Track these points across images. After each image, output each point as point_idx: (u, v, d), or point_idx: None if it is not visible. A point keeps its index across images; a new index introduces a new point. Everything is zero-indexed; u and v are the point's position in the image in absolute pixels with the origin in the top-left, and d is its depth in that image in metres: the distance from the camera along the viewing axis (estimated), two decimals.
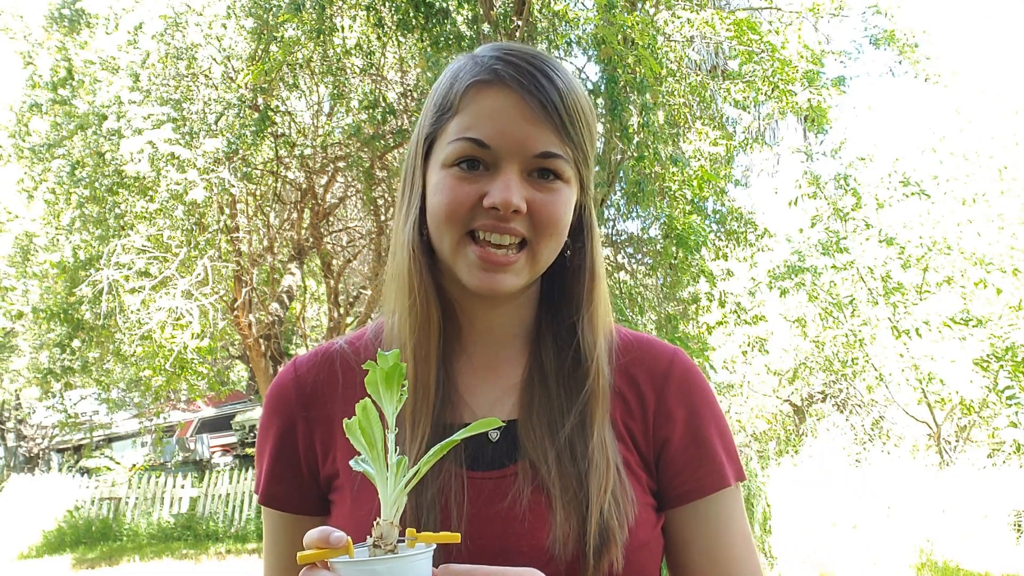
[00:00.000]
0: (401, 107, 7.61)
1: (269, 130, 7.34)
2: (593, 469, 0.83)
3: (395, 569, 0.62)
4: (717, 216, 8.06)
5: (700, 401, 0.94)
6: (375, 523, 0.64)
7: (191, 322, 7.33)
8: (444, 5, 6.04)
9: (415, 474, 0.66)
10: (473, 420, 0.84)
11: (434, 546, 0.65)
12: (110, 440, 17.72)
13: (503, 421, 0.85)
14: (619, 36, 5.41)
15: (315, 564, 0.64)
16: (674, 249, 6.10)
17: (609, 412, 0.90)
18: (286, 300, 11.19)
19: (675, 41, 6.99)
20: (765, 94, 7.03)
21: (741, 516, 0.94)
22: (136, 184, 7.00)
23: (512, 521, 0.80)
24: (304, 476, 0.92)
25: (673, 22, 6.69)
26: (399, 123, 7.49)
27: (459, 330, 0.94)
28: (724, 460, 0.92)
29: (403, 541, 0.66)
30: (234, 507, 10.07)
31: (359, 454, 0.67)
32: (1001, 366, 7.03)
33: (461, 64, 0.88)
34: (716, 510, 0.92)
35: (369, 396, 0.68)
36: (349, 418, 0.67)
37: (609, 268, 7.31)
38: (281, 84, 7.39)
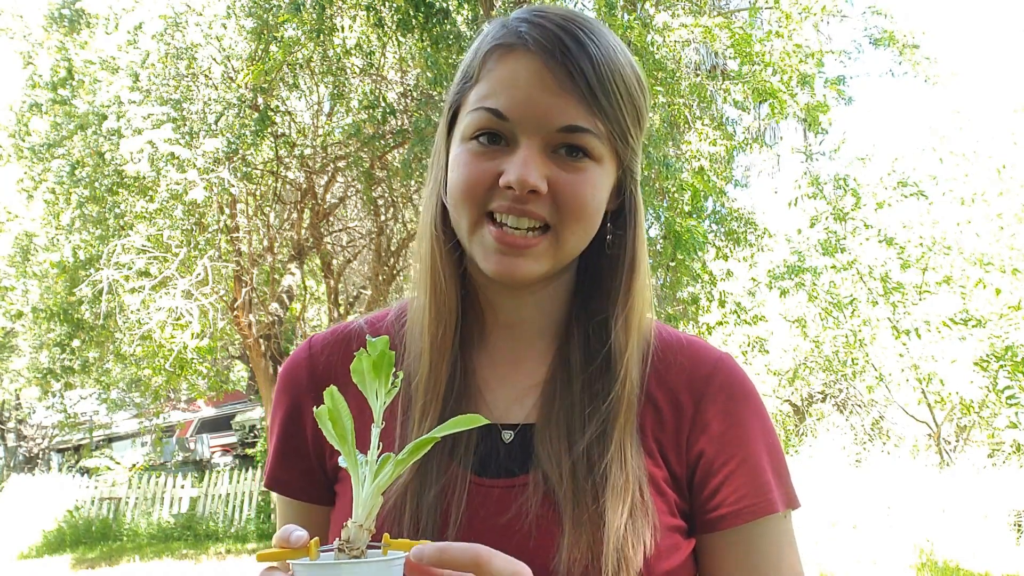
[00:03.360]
0: (401, 107, 7.61)
1: (269, 130, 7.34)
2: (610, 488, 0.74)
3: (356, 575, 0.56)
4: (716, 217, 8.06)
5: (745, 412, 0.81)
6: (344, 525, 0.58)
7: (191, 322, 7.33)
8: (444, 5, 6.04)
9: (390, 475, 0.60)
10: (490, 419, 0.78)
11: (405, 554, 0.58)
12: (110, 440, 17.72)
13: (519, 423, 0.80)
14: (617, 36, 5.42)
15: (274, 565, 0.59)
16: (672, 251, 6.11)
17: (637, 422, 0.80)
18: (286, 300, 11.19)
19: (674, 42, 7.00)
20: (763, 95, 7.04)
21: (790, 549, 0.83)
22: (136, 184, 7.00)
23: (517, 536, 0.72)
24: (311, 461, 0.85)
25: (672, 24, 6.70)
26: (399, 123, 7.48)
27: (483, 321, 0.85)
28: (772, 482, 0.80)
29: (378, 548, 0.59)
30: (234, 507, 10.07)
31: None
32: (1001, 366, 7.02)
33: (489, 28, 0.81)
34: (758, 541, 0.80)
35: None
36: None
37: None
38: (281, 84, 7.39)
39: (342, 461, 0.61)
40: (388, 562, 0.57)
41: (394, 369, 0.62)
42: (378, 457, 0.60)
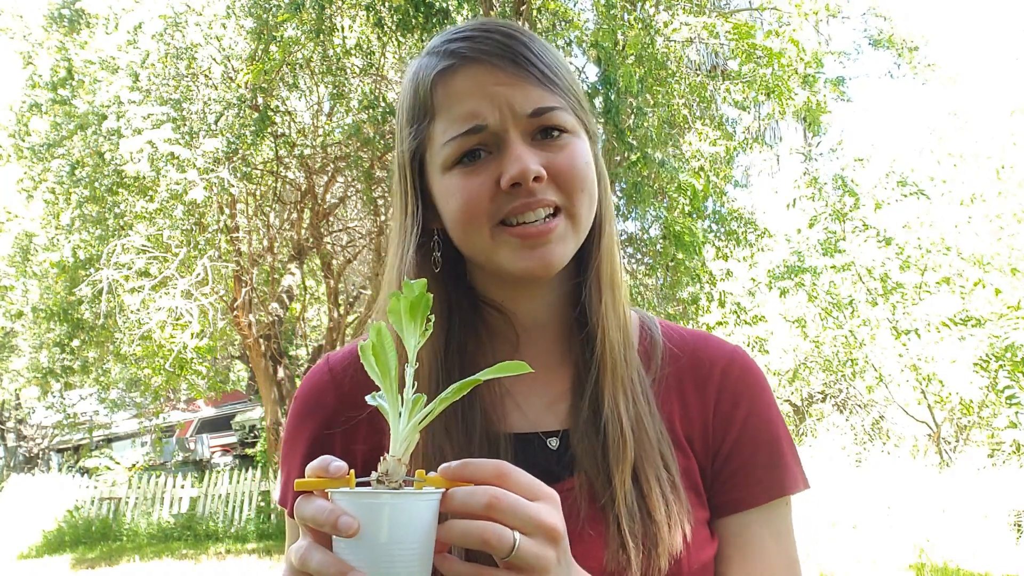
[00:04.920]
0: None
1: (269, 130, 7.35)
2: (611, 451, 0.76)
3: (397, 507, 0.56)
4: (716, 217, 8.07)
5: (764, 400, 0.86)
6: (382, 459, 0.59)
7: (191, 322, 7.34)
8: (444, 5, 6.05)
9: (429, 412, 0.61)
10: (526, 428, 0.81)
11: (442, 490, 0.59)
12: (110, 440, 17.72)
13: (559, 429, 0.81)
14: (614, 39, 5.42)
15: (312, 492, 0.59)
16: (672, 251, 6.12)
17: (664, 417, 0.82)
18: (286, 300, 11.19)
19: (675, 42, 7.00)
20: (764, 93, 7.04)
21: (792, 531, 0.85)
22: (136, 184, 7.00)
23: (569, 538, 0.69)
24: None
25: (672, 23, 6.70)
26: None
27: (511, 336, 0.86)
28: (791, 463, 0.84)
29: (411, 484, 0.60)
30: (234, 507, 10.06)
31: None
32: (1000, 366, 7.02)
33: (416, 66, 0.82)
34: (773, 521, 0.82)
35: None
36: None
37: None
38: (281, 84, 7.39)
39: (372, 399, 0.63)
40: (427, 495, 0.58)
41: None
42: (413, 395, 0.61)
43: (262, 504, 9.83)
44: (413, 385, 0.61)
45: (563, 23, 6.99)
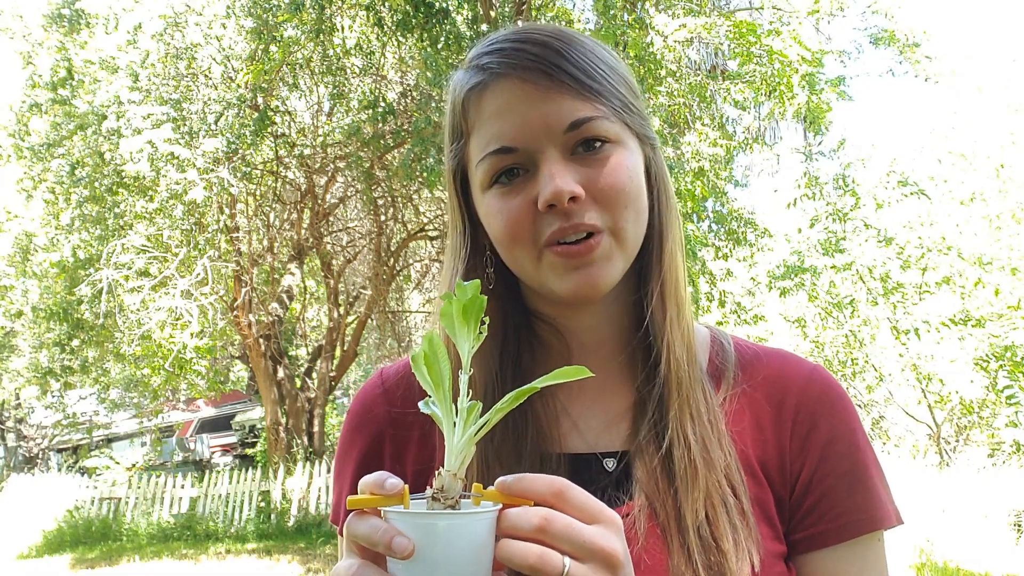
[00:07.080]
0: (401, 107, 7.61)
1: (269, 130, 7.35)
2: (679, 476, 0.71)
3: (453, 527, 0.54)
4: (717, 217, 8.06)
5: (848, 423, 0.79)
6: (436, 473, 0.57)
7: (190, 322, 7.34)
8: (444, 5, 6.05)
9: (485, 423, 0.58)
10: (583, 448, 0.78)
11: (499, 506, 0.56)
12: (109, 440, 17.74)
13: (618, 450, 0.77)
14: (614, 39, 5.42)
15: (365, 511, 0.57)
16: None
17: (732, 435, 0.77)
18: (286, 300, 11.20)
19: (675, 41, 6.99)
20: (765, 93, 7.03)
21: (885, 573, 0.78)
22: (136, 184, 7.01)
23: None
24: None
25: (672, 23, 6.70)
26: (399, 123, 7.49)
27: (566, 353, 0.82)
28: (882, 495, 0.78)
29: (467, 497, 0.58)
30: (234, 507, 10.06)
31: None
32: (1000, 366, 7.02)
33: (455, 81, 0.80)
34: (858, 560, 0.76)
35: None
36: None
37: None
38: (281, 84, 7.40)
39: (424, 406, 0.60)
40: (483, 513, 0.55)
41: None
42: (468, 402, 0.58)
43: (262, 504, 9.83)
44: (468, 394, 0.58)
45: (563, 24, 6.99)
